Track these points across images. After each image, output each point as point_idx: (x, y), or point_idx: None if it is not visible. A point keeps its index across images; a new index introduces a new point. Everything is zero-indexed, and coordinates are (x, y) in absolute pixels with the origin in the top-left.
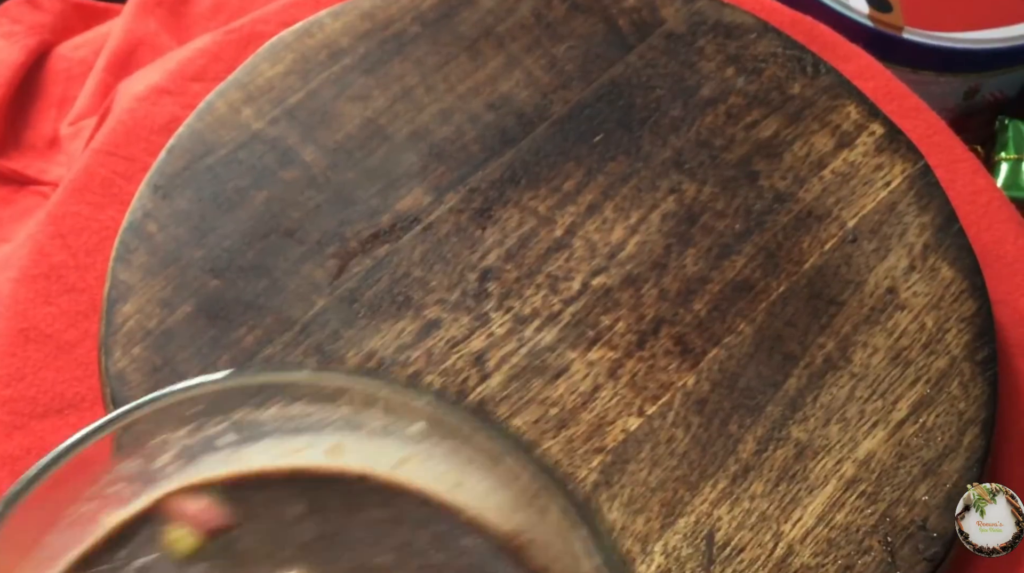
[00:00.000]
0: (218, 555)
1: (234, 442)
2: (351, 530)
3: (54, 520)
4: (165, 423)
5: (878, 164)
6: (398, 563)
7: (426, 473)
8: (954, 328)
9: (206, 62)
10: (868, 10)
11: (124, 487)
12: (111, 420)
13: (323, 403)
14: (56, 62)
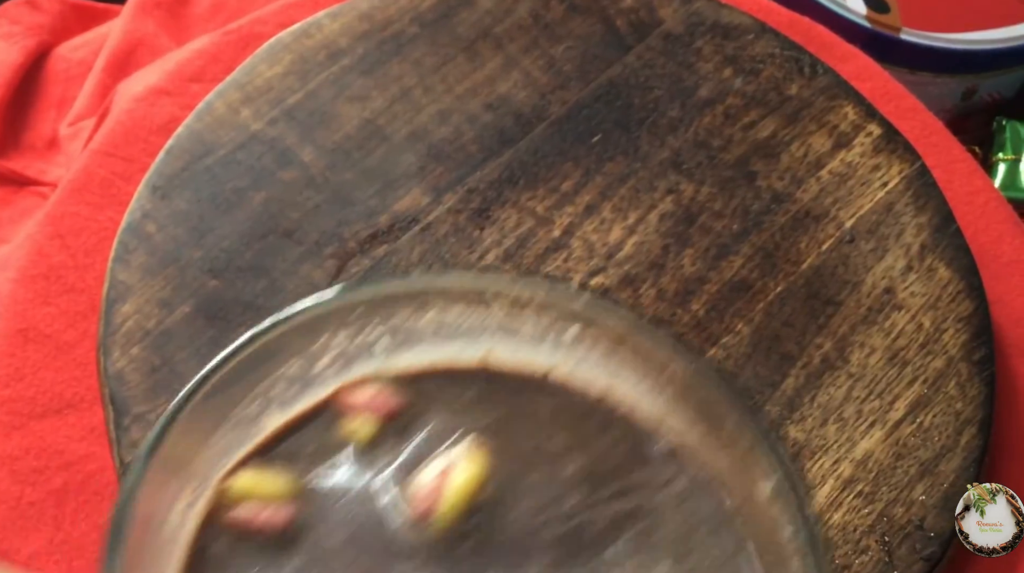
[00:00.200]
0: (394, 439)
1: (390, 347)
2: (523, 417)
3: (220, 422)
4: (325, 327)
5: (875, 165)
6: (571, 448)
7: (580, 377)
8: (951, 328)
9: (205, 63)
10: (866, 11)
11: (286, 389)
12: (275, 323)
13: (478, 308)
14: (55, 63)
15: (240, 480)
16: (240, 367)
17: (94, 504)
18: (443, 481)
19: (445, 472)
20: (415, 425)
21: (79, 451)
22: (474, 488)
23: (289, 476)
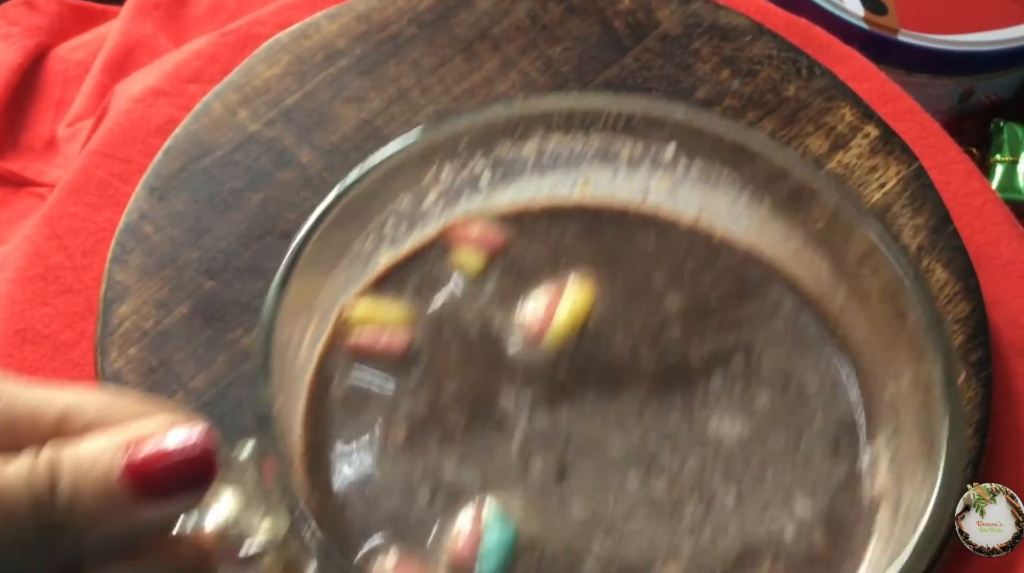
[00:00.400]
0: (502, 270)
1: (493, 181)
2: (626, 253)
3: (338, 258)
4: (432, 161)
5: (872, 166)
6: (673, 284)
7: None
8: (948, 329)
9: (202, 64)
10: (863, 12)
11: (396, 225)
12: (387, 157)
13: (577, 134)
14: (53, 64)
15: (359, 309)
16: (355, 202)
17: None
18: (552, 308)
19: (554, 300)
20: (522, 259)
21: None
22: (581, 316)
23: (404, 305)
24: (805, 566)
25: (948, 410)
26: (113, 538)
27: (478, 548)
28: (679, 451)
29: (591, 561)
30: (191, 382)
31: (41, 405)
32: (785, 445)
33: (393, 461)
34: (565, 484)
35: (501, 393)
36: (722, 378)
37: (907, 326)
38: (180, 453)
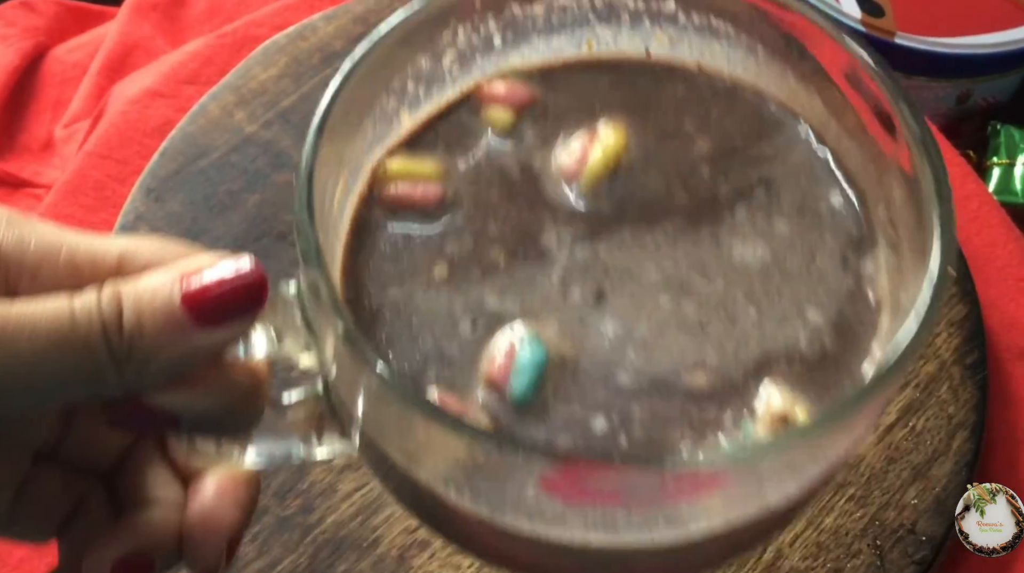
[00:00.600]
0: (532, 123)
1: (505, 42)
2: (653, 102)
3: (364, 114)
4: (447, 23)
5: None
6: (700, 128)
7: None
8: (944, 332)
9: (199, 65)
10: (860, 15)
11: (416, 85)
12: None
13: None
14: (51, 65)
15: (394, 164)
16: (377, 62)
17: None
18: (586, 150)
19: (587, 143)
20: (550, 112)
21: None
22: (614, 156)
23: (437, 160)
24: (818, 365)
25: (939, 214)
26: (173, 365)
27: (511, 367)
28: (707, 275)
29: (624, 372)
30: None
31: (100, 250)
32: (800, 265)
33: (436, 296)
34: (602, 307)
35: (542, 230)
36: (746, 210)
37: (898, 142)
38: (233, 280)
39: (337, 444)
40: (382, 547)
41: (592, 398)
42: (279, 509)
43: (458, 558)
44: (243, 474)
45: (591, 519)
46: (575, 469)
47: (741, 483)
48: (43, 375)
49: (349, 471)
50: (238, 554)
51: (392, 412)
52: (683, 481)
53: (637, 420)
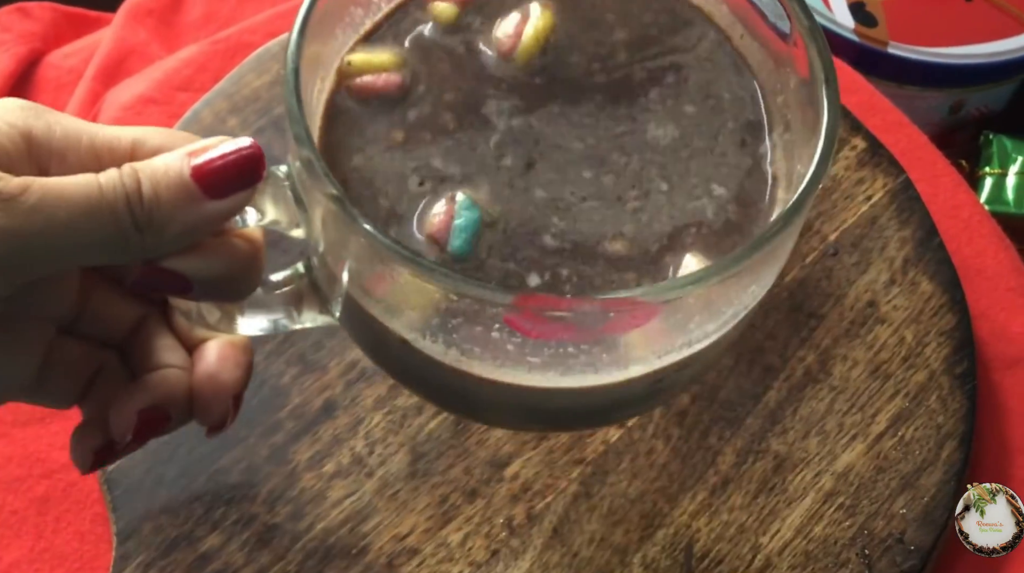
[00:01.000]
0: (475, 13)
1: None
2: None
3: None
4: None
5: (860, 178)
6: (621, 20)
7: None
8: (933, 342)
9: (192, 72)
10: (854, 24)
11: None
12: None
13: None
14: (46, 70)
15: (356, 57)
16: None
17: (76, 513)
18: (521, 27)
19: (521, 21)
20: (491, 3)
21: (61, 459)
22: (545, 33)
23: (394, 50)
24: (723, 232)
25: (826, 93)
26: (186, 231)
27: (449, 226)
28: (624, 151)
29: (549, 235)
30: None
31: (116, 137)
32: (705, 145)
33: (391, 158)
34: (531, 174)
35: (483, 102)
36: (658, 93)
37: (792, 37)
38: (234, 153)
39: (318, 316)
40: (371, 554)
41: (523, 256)
42: (268, 516)
43: (447, 565)
44: (240, 340)
45: (545, 358)
46: (534, 301)
47: (669, 316)
48: (76, 238)
49: (339, 478)
50: (227, 562)
51: (374, 264)
52: (623, 311)
53: (565, 279)
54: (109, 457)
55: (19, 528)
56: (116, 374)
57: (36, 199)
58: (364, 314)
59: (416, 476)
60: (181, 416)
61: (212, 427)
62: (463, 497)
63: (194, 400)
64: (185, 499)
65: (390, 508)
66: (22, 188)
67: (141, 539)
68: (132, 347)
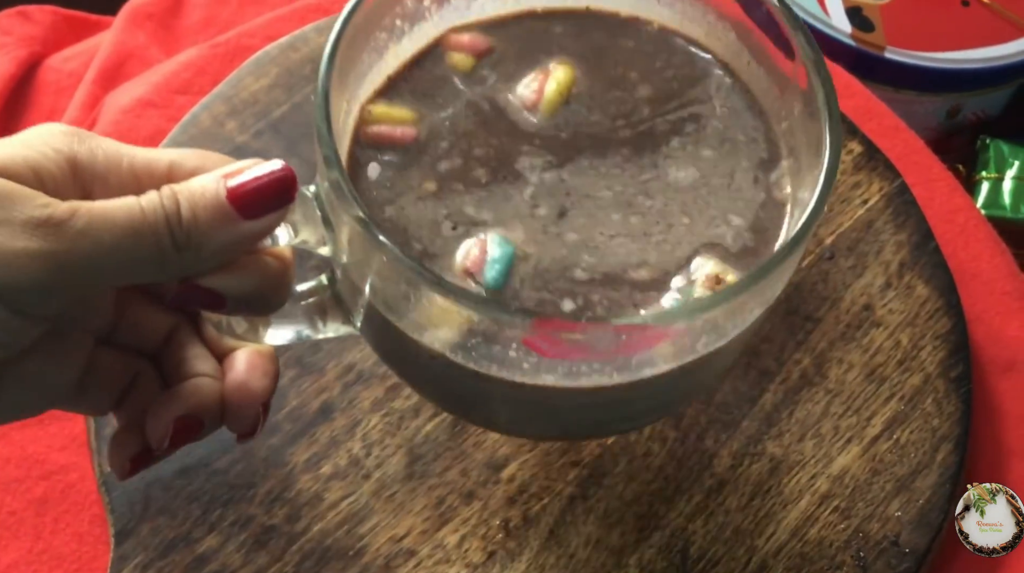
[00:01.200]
0: (491, 67)
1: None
2: (604, 49)
3: (364, 45)
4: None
5: (856, 182)
6: (644, 77)
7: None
8: (929, 345)
9: (191, 75)
10: (851, 29)
11: (402, 23)
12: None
13: None
14: (46, 74)
15: (377, 108)
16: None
17: (74, 514)
18: (543, 82)
19: (543, 77)
20: (507, 57)
21: (60, 461)
22: (567, 88)
23: (412, 105)
24: (739, 255)
25: (828, 122)
26: (222, 250)
27: (484, 260)
28: (649, 195)
29: (580, 269)
30: None
31: (154, 159)
32: (723, 182)
33: (423, 206)
34: (563, 222)
35: (515, 157)
36: (679, 141)
37: (796, 66)
38: (267, 175)
39: (340, 326)
40: (368, 556)
41: (555, 286)
42: (265, 517)
43: (444, 567)
44: (267, 350)
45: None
46: (550, 325)
47: (679, 334)
48: (121, 259)
49: (336, 480)
50: (224, 563)
51: (399, 284)
52: (635, 335)
53: (597, 303)
54: (145, 463)
55: (17, 529)
56: (151, 382)
57: (84, 223)
58: (388, 327)
59: (413, 478)
60: (213, 423)
61: (243, 434)
62: (460, 499)
63: (225, 408)
64: (183, 500)
65: (387, 510)
66: (70, 213)
67: (139, 540)
68: (165, 356)
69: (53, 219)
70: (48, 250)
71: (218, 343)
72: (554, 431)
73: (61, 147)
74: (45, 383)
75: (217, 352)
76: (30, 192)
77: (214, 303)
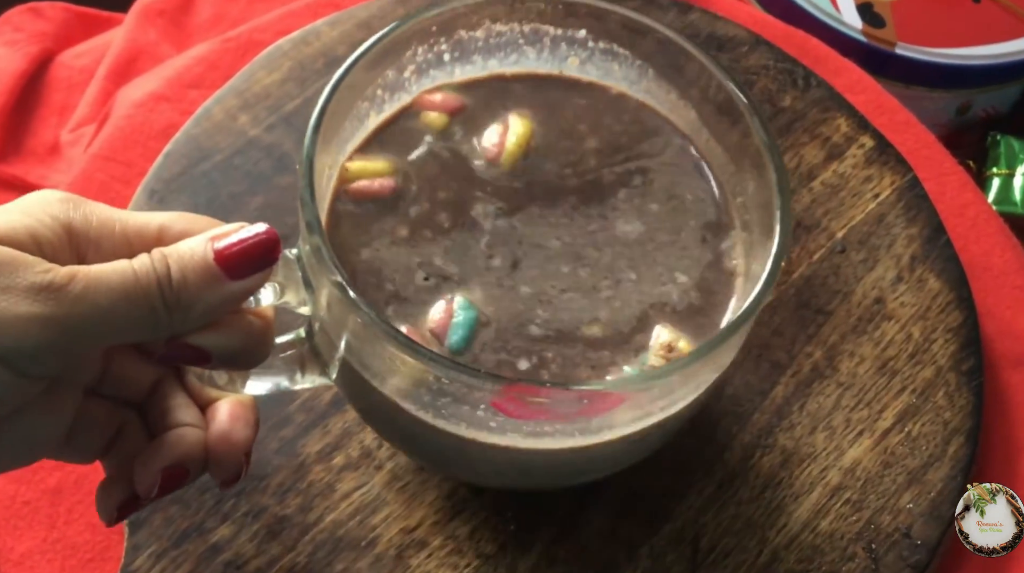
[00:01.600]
0: (460, 124)
1: (453, 58)
2: (559, 106)
3: (345, 114)
4: (410, 43)
5: (867, 176)
6: (593, 130)
7: (587, 71)
8: (940, 338)
9: (204, 70)
10: (861, 25)
11: (383, 93)
12: (379, 38)
13: (512, 23)
14: (58, 70)
15: (353, 164)
16: (358, 69)
17: (87, 504)
18: (503, 135)
19: (504, 130)
20: (477, 116)
21: None
22: (525, 141)
23: (388, 158)
24: (688, 315)
25: (779, 203)
26: (209, 310)
27: (448, 326)
28: (597, 247)
29: (534, 325)
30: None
31: (144, 223)
32: (669, 239)
33: (399, 250)
34: (516, 273)
35: (473, 203)
36: (626, 194)
37: (751, 146)
38: (253, 238)
39: (317, 378)
40: (380, 546)
41: (513, 346)
42: (278, 508)
43: (456, 558)
44: (247, 399)
45: (525, 430)
46: (517, 388)
47: (638, 399)
48: (116, 321)
49: (348, 471)
50: (237, 552)
51: (374, 345)
52: (597, 399)
53: (550, 361)
54: (133, 509)
55: (31, 519)
56: (136, 431)
57: (81, 288)
58: (362, 383)
59: (425, 469)
60: (198, 470)
61: (226, 482)
62: (471, 490)
63: (209, 458)
64: (195, 490)
65: (399, 501)
66: (70, 278)
67: (152, 530)
68: (150, 406)
69: (54, 285)
70: (50, 314)
71: (200, 392)
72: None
73: (58, 214)
74: (37, 436)
75: (199, 401)
76: (32, 259)
77: (200, 359)
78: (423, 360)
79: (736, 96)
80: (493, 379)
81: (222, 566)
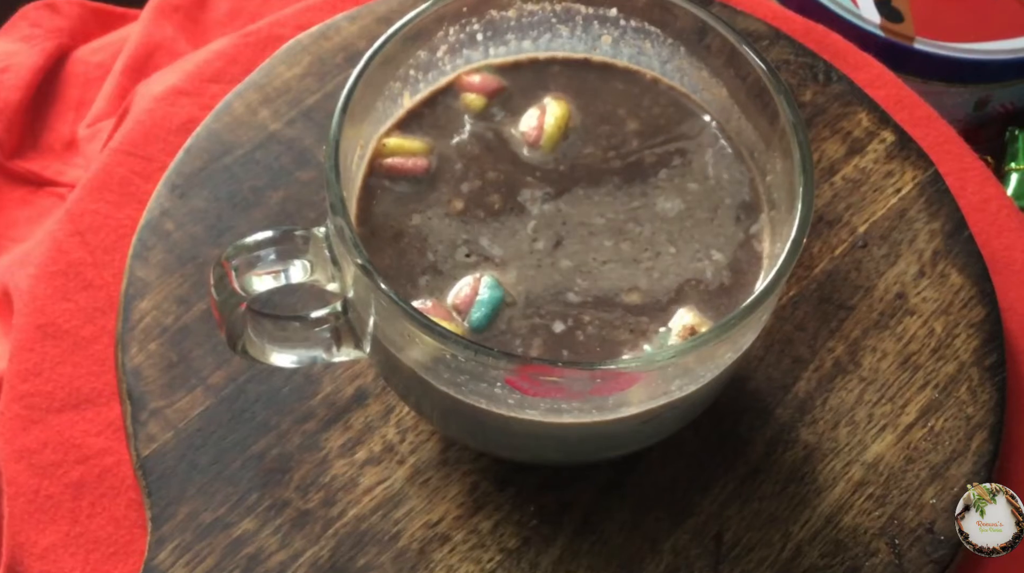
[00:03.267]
0: (499, 105)
1: (486, 39)
2: (594, 90)
3: (377, 94)
4: (442, 23)
5: (888, 171)
6: (632, 113)
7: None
8: (963, 334)
9: (224, 64)
10: (879, 20)
11: (416, 73)
12: (410, 19)
13: (544, 2)
14: (74, 66)
15: (391, 140)
16: (389, 50)
17: (110, 498)
18: (542, 117)
19: (542, 113)
20: (515, 98)
21: (96, 445)
22: (564, 123)
23: (424, 138)
24: (717, 294)
25: (802, 183)
26: None
27: (472, 303)
28: (638, 223)
29: (572, 293)
30: (210, 378)
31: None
32: (707, 217)
33: (450, 222)
34: (558, 250)
35: (520, 189)
36: (667, 173)
37: (779, 127)
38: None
39: (352, 351)
40: (403, 540)
41: (547, 311)
42: (301, 502)
43: (478, 552)
44: None
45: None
46: (530, 368)
47: (654, 378)
48: None
49: (370, 465)
50: (260, 546)
51: (396, 323)
52: (611, 378)
53: (587, 324)
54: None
55: (54, 513)
56: None
57: None
58: (389, 357)
59: (447, 464)
60: None
61: None
62: (494, 485)
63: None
64: (219, 485)
65: (421, 495)
66: None
67: (176, 524)
68: None
69: None
70: None
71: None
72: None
73: None
74: None
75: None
76: None
77: None
78: (436, 338)
79: (764, 74)
80: (506, 358)
81: (246, 560)
